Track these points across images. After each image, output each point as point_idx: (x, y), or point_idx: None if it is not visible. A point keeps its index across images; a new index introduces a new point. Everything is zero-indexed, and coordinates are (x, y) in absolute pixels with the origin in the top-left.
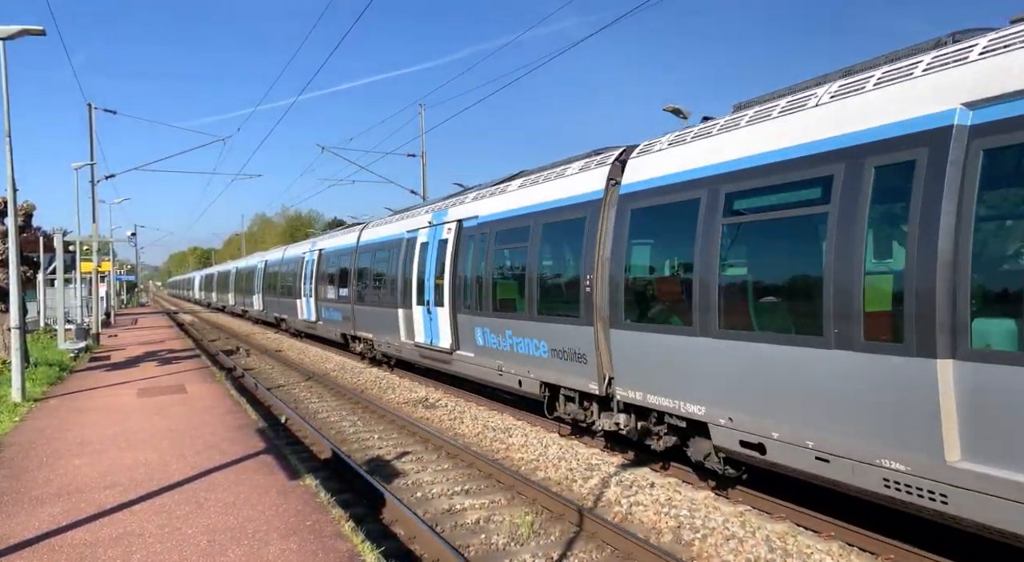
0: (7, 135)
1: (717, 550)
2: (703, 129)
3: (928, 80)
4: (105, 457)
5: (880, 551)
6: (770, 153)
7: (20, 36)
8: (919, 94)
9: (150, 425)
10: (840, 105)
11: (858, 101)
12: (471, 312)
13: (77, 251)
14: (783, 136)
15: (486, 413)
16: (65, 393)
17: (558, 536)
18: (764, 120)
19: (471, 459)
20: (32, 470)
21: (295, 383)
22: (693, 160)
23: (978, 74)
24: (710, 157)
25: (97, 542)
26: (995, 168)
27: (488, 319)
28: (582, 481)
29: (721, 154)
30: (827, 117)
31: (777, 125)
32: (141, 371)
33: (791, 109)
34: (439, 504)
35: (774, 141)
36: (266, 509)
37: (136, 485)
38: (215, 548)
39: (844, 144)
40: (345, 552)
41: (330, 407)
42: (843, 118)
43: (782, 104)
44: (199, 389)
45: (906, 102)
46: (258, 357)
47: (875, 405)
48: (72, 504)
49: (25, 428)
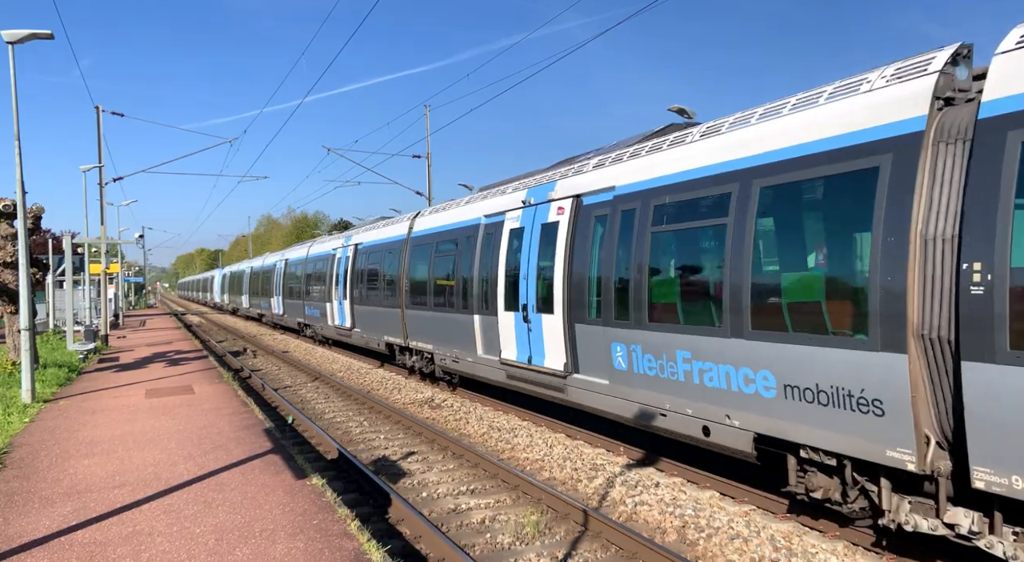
0: (16, 138)
1: (722, 549)
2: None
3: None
4: (114, 457)
5: (884, 551)
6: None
7: (28, 40)
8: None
9: (158, 425)
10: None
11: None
12: (603, 322)
13: (86, 253)
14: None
15: (492, 413)
16: (74, 394)
17: (563, 536)
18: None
19: (476, 459)
20: (42, 470)
21: (302, 384)
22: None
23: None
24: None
25: (107, 541)
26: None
27: (639, 333)
28: (587, 481)
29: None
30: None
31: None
32: (149, 372)
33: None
34: (445, 504)
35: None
36: (273, 508)
37: (145, 485)
38: (223, 547)
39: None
40: (351, 551)
41: (336, 407)
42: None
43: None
44: (206, 390)
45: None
46: (265, 358)
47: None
48: (82, 503)
49: (35, 429)
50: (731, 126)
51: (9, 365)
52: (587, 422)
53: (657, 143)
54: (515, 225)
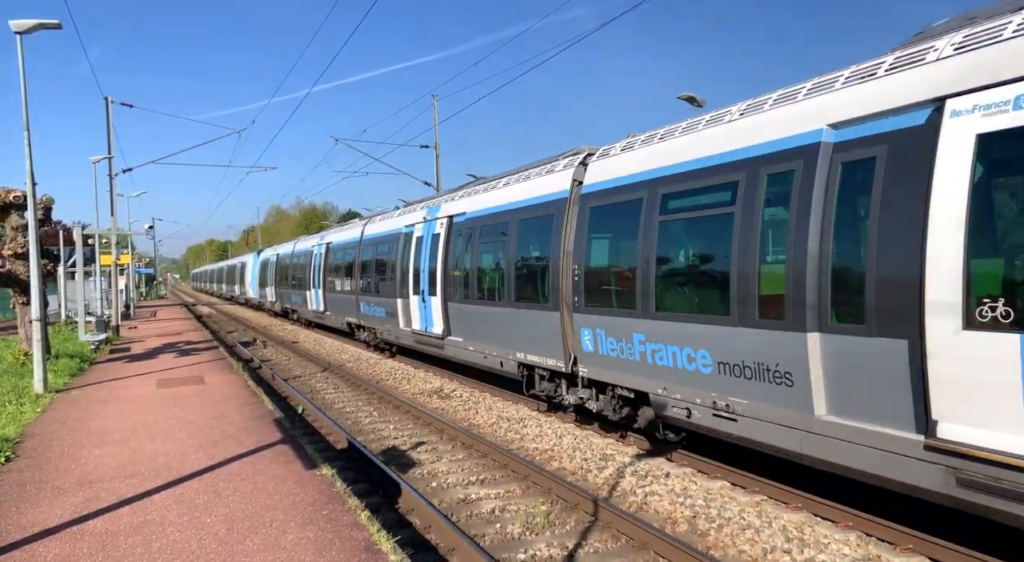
0: (26, 128)
1: (733, 540)
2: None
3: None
4: (125, 447)
5: (898, 541)
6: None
7: (37, 30)
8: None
9: (169, 416)
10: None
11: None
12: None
13: (96, 244)
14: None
15: (501, 404)
16: (86, 384)
17: (573, 526)
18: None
19: (486, 449)
20: (54, 460)
21: (311, 374)
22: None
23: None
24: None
25: (118, 531)
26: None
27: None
28: (597, 471)
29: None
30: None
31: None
32: (160, 362)
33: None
34: (454, 494)
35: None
36: (283, 498)
37: (155, 475)
38: (234, 536)
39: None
40: (361, 541)
41: (346, 397)
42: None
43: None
44: (217, 380)
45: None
46: (275, 348)
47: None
48: (93, 493)
49: (47, 419)
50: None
51: (22, 355)
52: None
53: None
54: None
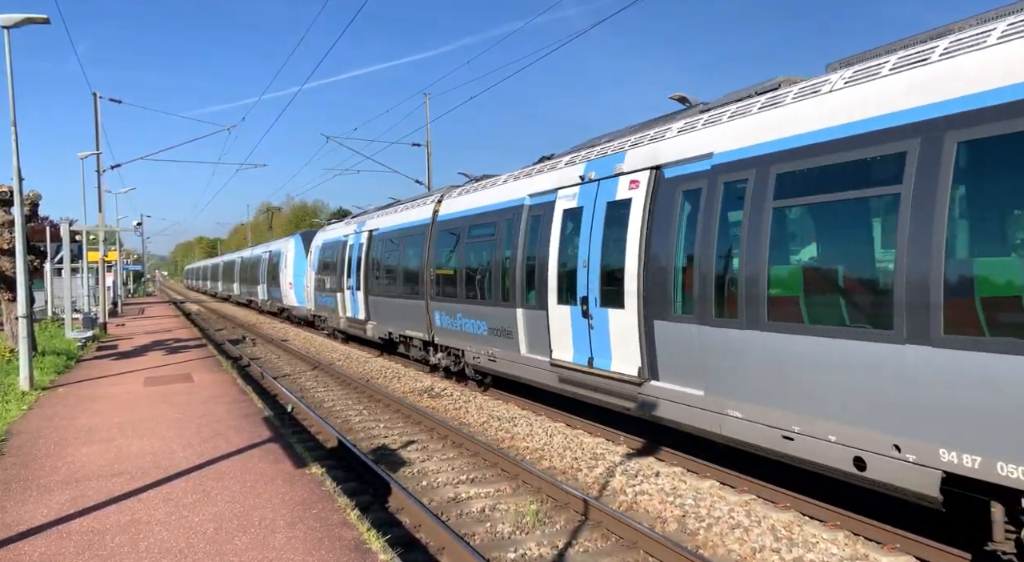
0: (13, 124)
1: (723, 539)
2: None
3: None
4: (112, 445)
5: (885, 540)
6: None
7: (24, 24)
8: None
9: (157, 413)
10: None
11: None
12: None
13: (84, 240)
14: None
15: (491, 403)
16: (73, 382)
17: (563, 525)
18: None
19: (476, 448)
20: (40, 458)
21: (301, 372)
22: None
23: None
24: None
25: (105, 529)
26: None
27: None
28: (587, 470)
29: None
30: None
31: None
32: (148, 360)
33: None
34: (444, 493)
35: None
36: (272, 497)
37: (143, 473)
38: (222, 536)
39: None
40: (351, 540)
41: (336, 396)
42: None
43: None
44: (206, 378)
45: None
46: (264, 346)
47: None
48: (80, 492)
49: (33, 416)
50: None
51: (7, 352)
52: (586, 412)
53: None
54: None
